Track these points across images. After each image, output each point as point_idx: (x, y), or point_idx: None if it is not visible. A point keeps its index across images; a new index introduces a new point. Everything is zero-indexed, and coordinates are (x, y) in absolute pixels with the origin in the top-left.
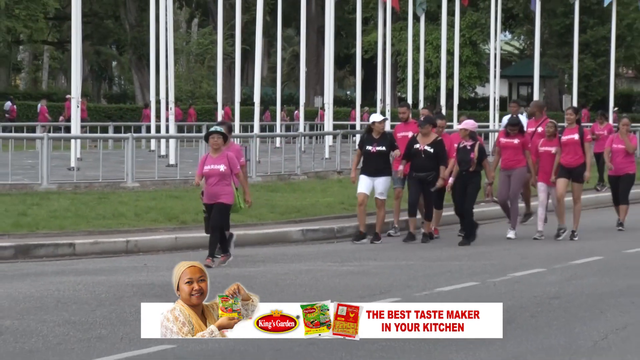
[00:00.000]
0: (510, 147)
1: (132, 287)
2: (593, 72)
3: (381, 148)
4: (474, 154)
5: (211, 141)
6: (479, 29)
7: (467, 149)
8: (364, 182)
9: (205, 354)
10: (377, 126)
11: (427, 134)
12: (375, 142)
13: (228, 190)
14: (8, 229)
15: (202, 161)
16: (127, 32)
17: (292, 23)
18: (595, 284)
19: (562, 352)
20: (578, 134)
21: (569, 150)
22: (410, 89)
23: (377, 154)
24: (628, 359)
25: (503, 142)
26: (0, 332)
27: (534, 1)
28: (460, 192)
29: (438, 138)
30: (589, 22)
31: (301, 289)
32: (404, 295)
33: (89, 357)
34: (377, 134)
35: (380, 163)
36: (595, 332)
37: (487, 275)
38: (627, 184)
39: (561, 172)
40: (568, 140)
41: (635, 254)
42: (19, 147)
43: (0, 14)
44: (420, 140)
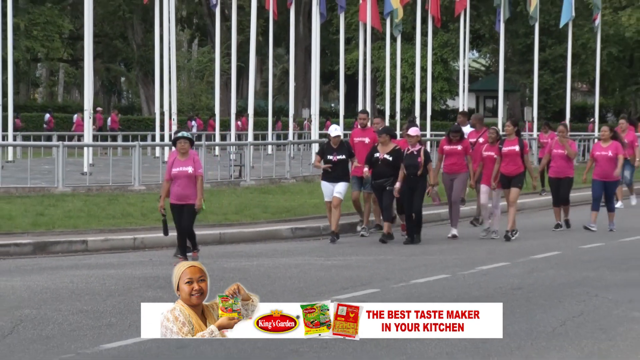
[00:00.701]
0: (454, 154)
1: (139, 279)
2: (552, 86)
3: (341, 157)
4: (421, 158)
5: (179, 146)
6: (450, 48)
7: (414, 154)
8: (327, 189)
9: (204, 339)
10: (334, 139)
11: (386, 143)
12: (335, 151)
13: (194, 191)
14: (27, 227)
15: (169, 164)
16: (134, 51)
17: (282, 43)
18: (554, 276)
19: (525, 337)
20: (518, 145)
21: (509, 161)
22: (388, 102)
23: (338, 162)
24: (584, 343)
25: (447, 149)
26: (20, 320)
27: (499, 23)
28: (409, 194)
29: (396, 147)
30: (548, 41)
31: (290, 280)
32: (382, 286)
33: (100, 342)
34: (335, 144)
35: (340, 171)
36: (554, 319)
37: (457, 268)
38: (567, 187)
39: (503, 182)
40: (509, 152)
41: (589, 249)
42: (37, 154)
43: (20, 35)
44: (380, 149)
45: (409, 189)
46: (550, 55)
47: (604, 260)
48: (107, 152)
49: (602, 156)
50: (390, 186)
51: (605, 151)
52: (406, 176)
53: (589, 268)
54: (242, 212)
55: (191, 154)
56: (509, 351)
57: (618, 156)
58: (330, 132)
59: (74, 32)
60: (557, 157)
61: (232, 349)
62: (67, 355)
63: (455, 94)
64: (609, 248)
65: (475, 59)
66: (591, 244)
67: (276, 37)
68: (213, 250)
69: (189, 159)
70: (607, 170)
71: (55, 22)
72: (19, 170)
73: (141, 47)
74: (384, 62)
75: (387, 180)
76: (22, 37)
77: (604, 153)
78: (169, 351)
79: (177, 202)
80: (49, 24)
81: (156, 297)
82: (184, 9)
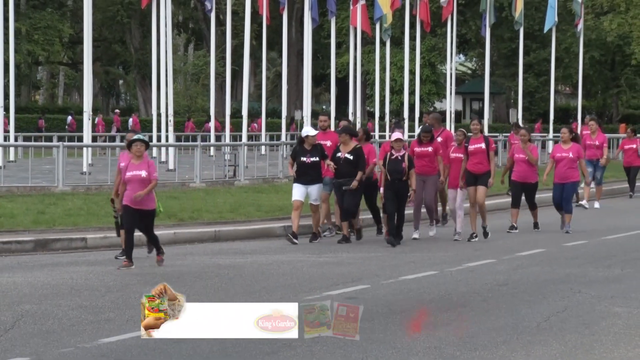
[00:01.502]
0: (425, 155)
1: (136, 276)
2: (536, 89)
3: (315, 159)
4: (405, 164)
5: (134, 149)
6: (437, 52)
7: (398, 159)
8: (299, 190)
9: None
10: (310, 139)
11: (347, 143)
12: (309, 153)
13: (151, 196)
14: (28, 225)
15: (124, 168)
16: (132, 55)
17: (275, 47)
18: (539, 272)
19: (510, 331)
20: (484, 143)
21: (475, 158)
22: (378, 104)
23: (311, 164)
24: (567, 338)
25: (418, 151)
26: (22, 314)
27: (484, 28)
28: (392, 198)
29: (357, 145)
30: (532, 46)
31: (283, 277)
32: (372, 282)
33: (99, 337)
34: (309, 145)
35: (313, 173)
36: (539, 314)
37: (445, 265)
38: (531, 192)
39: (469, 179)
40: (475, 149)
41: (573, 247)
42: (38, 155)
43: (22, 39)
44: (342, 149)
45: (393, 193)
46: (534, 59)
47: (587, 258)
48: (106, 152)
49: (562, 158)
50: (348, 185)
51: (565, 153)
52: (390, 181)
53: (573, 265)
54: (236, 211)
55: (145, 157)
56: (495, 345)
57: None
58: (308, 132)
59: (73, 36)
60: (520, 161)
61: (227, 344)
62: (67, 349)
63: (442, 96)
64: (592, 246)
65: (462, 62)
66: (575, 241)
67: (269, 41)
68: (208, 247)
69: (143, 162)
70: (567, 172)
71: (55, 26)
72: (21, 170)
73: (139, 50)
74: (374, 65)
75: (347, 180)
76: (23, 41)
77: (564, 155)
78: (166, 345)
79: (130, 204)
80: (49, 28)
81: None
82: (180, 14)
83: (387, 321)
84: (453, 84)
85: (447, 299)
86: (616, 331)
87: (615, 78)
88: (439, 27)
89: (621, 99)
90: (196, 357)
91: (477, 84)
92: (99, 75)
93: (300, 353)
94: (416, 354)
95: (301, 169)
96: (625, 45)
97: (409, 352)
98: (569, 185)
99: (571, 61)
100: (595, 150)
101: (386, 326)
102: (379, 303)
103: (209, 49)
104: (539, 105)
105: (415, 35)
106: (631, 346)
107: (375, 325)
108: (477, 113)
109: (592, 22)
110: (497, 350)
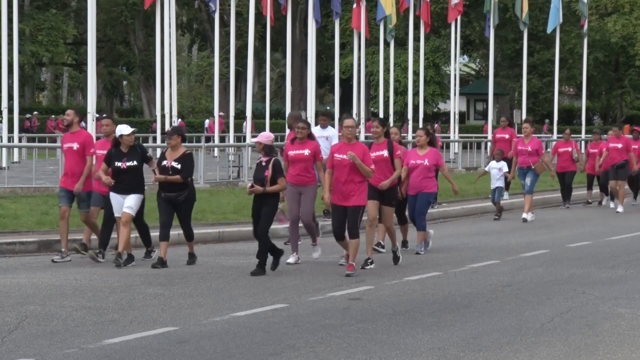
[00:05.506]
0: (300, 160)
1: (140, 276)
2: (540, 90)
3: (132, 163)
4: (269, 172)
5: None
6: (441, 53)
7: (262, 165)
8: (117, 202)
9: (204, 335)
10: (125, 139)
11: (176, 147)
12: (125, 156)
13: None
14: (32, 226)
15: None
16: (136, 56)
17: (279, 48)
18: (542, 273)
19: (514, 332)
20: (387, 149)
21: (377, 169)
22: (382, 105)
23: (128, 169)
24: (571, 339)
25: (292, 155)
26: (25, 316)
27: (488, 29)
28: (257, 213)
29: (187, 152)
30: (536, 47)
31: (287, 277)
32: (376, 283)
33: (103, 337)
34: (125, 147)
35: (132, 180)
36: (543, 315)
37: (448, 266)
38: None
39: (371, 193)
40: (376, 158)
41: (577, 248)
42: (42, 156)
43: (26, 40)
44: (168, 155)
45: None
46: (538, 60)
47: (591, 258)
48: None
49: (417, 165)
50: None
51: (420, 159)
52: None
53: (576, 266)
54: (240, 212)
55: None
56: (499, 346)
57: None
58: (123, 131)
59: (77, 37)
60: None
61: (230, 344)
62: (71, 350)
63: (446, 97)
64: (595, 247)
65: (466, 63)
66: (578, 242)
67: (273, 42)
68: (212, 248)
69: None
70: (422, 182)
71: (59, 27)
72: (24, 170)
73: (143, 51)
74: (378, 66)
75: (181, 195)
76: (27, 42)
77: (419, 162)
78: (169, 346)
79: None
80: (53, 29)
81: (157, 294)
82: (184, 15)
83: (391, 322)
84: (457, 85)
85: (451, 300)
86: (620, 332)
87: (619, 79)
88: (443, 28)
89: (625, 99)
90: (200, 358)
91: (481, 85)
92: (103, 76)
93: (304, 354)
94: (420, 355)
95: (117, 175)
96: (629, 46)
97: (412, 352)
98: (424, 195)
99: (575, 62)
100: (527, 157)
101: (390, 327)
102: (382, 304)
103: (212, 49)
104: (543, 106)
105: (419, 36)
106: (635, 347)
107: (379, 326)
108: (481, 114)
109: (596, 23)
110: (501, 352)
